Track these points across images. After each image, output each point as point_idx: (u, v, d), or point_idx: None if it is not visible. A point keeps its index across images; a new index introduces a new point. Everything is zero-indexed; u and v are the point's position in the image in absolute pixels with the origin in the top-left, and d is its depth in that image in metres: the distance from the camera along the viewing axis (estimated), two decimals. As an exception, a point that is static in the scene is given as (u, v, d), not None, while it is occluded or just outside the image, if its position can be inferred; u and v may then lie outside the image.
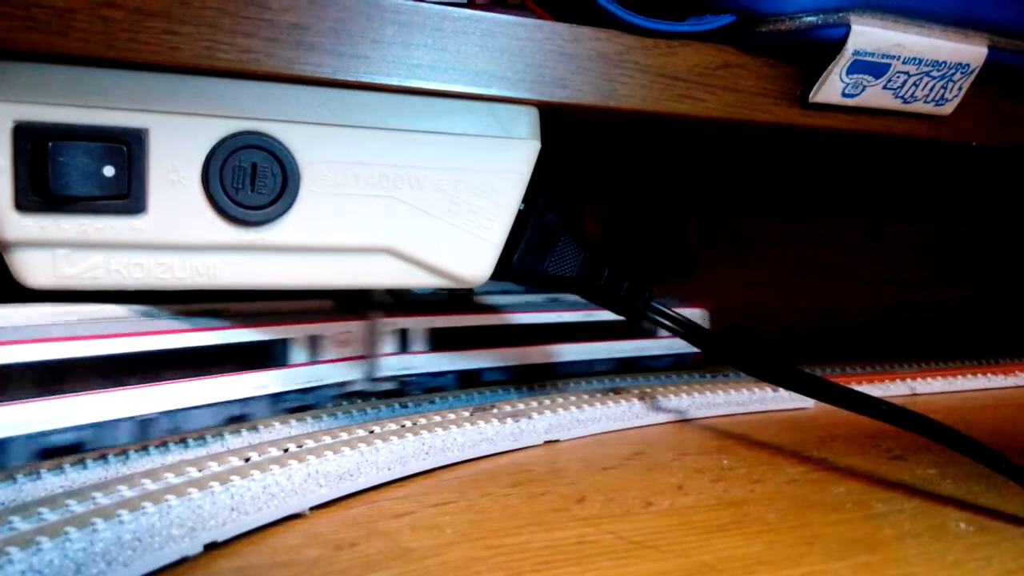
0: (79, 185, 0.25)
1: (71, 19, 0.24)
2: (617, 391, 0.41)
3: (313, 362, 0.35)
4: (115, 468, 0.29)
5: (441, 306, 0.41)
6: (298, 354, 0.35)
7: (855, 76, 0.33)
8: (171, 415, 0.31)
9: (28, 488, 0.27)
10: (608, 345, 0.46)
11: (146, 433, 0.30)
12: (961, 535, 0.27)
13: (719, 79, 0.33)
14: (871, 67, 0.33)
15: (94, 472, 0.28)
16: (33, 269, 0.26)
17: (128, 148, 0.26)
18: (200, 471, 0.27)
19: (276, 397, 0.34)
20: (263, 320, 0.33)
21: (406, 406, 0.38)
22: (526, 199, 0.32)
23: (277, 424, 0.34)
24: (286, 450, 0.30)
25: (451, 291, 0.42)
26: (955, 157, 0.48)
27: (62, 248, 0.26)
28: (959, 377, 0.51)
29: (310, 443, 0.31)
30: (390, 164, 0.29)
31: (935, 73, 0.34)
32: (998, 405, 0.47)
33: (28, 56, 0.24)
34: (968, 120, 0.38)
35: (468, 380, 0.41)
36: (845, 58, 0.32)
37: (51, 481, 0.27)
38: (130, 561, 0.22)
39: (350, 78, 0.27)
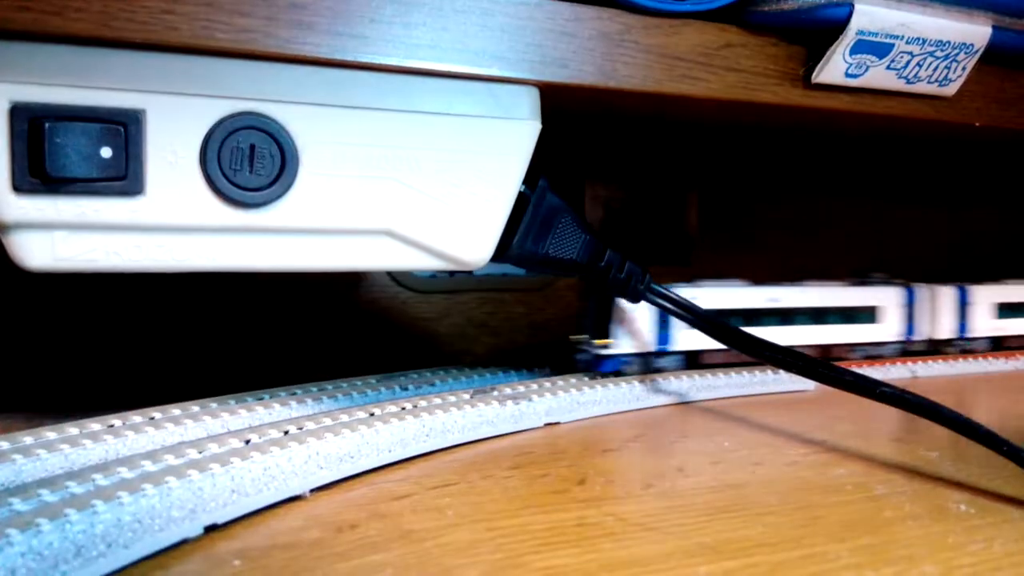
0: (77, 166, 0.25)
1: (67, -2, 0.24)
2: (617, 373, 0.41)
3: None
4: (114, 449, 0.29)
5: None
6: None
7: (858, 56, 0.33)
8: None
9: (27, 469, 0.27)
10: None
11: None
12: (962, 517, 0.27)
13: (721, 59, 0.32)
14: (874, 47, 0.33)
15: (93, 453, 0.28)
16: (31, 251, 0.26)
17: (125, 129, 0.25)
18: (200, 453, 0.27)
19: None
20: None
21: (406, 388, 0.38)
22: (526, 181, 0.31)
23: (277, 406, 0.34)
24: (286, 432, 0.30)
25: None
26: (958, 139, 0.48)
27: (60, 230, 0.26)
28: (960, 360, 0.51)
29: (310, 425, 0.31)
30: (389, 145, 0.29)
31: (939, 53, 0.34)
32: (999, 389, 0.47)
33: (25, 36, 0.24)
34: (972, 101, 0.37)
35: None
36: (848, 38, 0.32)
37: (50, 462, 0.27)
38: (130, 543, 0.22)
39: (348, 58, 0.27)
